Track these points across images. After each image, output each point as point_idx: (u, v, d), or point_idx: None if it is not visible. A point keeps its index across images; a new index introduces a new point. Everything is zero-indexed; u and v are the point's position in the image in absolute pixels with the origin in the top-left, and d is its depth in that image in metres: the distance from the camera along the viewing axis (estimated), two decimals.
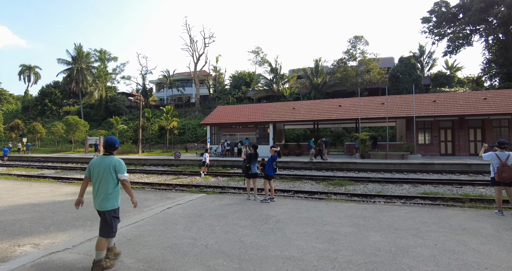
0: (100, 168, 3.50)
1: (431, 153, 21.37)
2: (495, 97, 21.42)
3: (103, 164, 3.51)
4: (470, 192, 9.66)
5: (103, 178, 3.48)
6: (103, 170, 3.49)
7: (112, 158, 3.55)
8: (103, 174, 3.48)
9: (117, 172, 3.51)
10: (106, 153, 3.63)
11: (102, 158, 3.56)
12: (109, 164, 3.49)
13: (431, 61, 45.73)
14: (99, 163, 3.53)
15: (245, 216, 5.94)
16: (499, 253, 3.89)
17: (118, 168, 3.51)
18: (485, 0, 33.06)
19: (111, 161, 3.52)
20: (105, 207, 3.47)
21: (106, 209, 3.48)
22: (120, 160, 3.62)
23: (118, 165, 3.52)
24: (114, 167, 3.50)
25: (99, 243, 3.42)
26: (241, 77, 49.80)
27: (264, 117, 24.84)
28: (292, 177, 13.32)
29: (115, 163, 3.51)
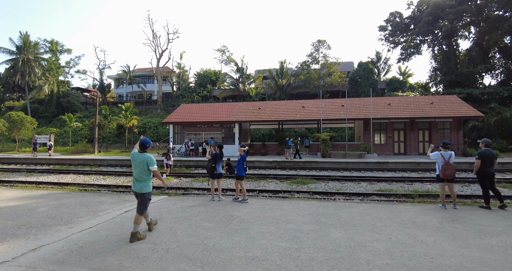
0: (138, 161, 4.59)
1: (386, 152, 22.94)
2: (440, 102, 23.67)
3: (140, 159, 4.59)
4: (419, 188, 10.53)
5: (140, 168, 4.57)
6: (139, 163, 4.57)
7: (145, 155, 4.62)
8: (139, 165, 4.57)
9: (149, 165, 4.56)
10: (141, 150, 4.69)
11: (139, 154, 4.65)
12: (143, 159, 4.57)
13: (387, 67, 49.20)
14: (137, 157, 4.62)
15: (209, 218, 5.82)
16: (442, 243, 4.27)
17: (149, 162, 4.58)
18: (432, 14, 36.35)
19: (145, 157, 4.60)
20: (142, 190, 4.56)
21: (143, 192, 4.57)
22: (151, 156, 4.68)
23: (150, 160, 4.59)
24: (147, 162, 4.57)
25: (136, 219, 4.54)
26: (207, 76, 48.98)
27: (230, 116, 24.69)
28: (257, 177, 13.41)
29: (147, 158, 4.59)
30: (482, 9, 35.45)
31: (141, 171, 4.58)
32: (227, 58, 46.81)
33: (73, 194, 8.56)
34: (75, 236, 4.70)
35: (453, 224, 5.31)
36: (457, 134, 22.19)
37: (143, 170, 4.58)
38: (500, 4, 33.97)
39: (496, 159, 6.55)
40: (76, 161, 21.83)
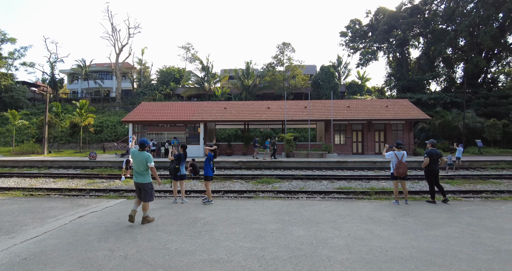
0: (138, 158, 5.43)
1: (345, 152, 24.16)
2: (394, 105, 25.56)
3: (140, 156, 5.44)
4: (375, 186, 11.23)
5: (140, 164, 5.40)
6: (139, 160, 5.42)
7: (145, 153, 5.46)
8: (140, 161, 5.41)
9: (148, 161, 5.40)
10: (140, 149, 5.51)
11: (139, 152, 5.48)
12: (143, 157, 5.43)
13: (347, 71, 51.89)
14: (138, 155, 5.45)
15: (171, 221, 5.62)
16: (395, 237, 4.60)
17: (148, 160, 5.41)
18: (387, 23, 39.14)
19: (144, 155, 5.44)
20: (144, 181, 5.42)
21: (145, 182, 5.42)
22: (150, 154, 5.52)
23: (148, 158, 5.43)
24: (146, 159, 5.41)
25: (145, 206, 5.50)
26: (170, 73, 47.43)
27: (194, 116, 24.15)
28: (223, 177, 13.28)
29: (147, 156, 5.43)
30: (429, 22, 39.04)
31: (141, 166, 5.42)
32: (191, 56, 45.85)
33: (16, 200, 7.71)
34: (17, 247, 4.23)
35: (404, 218, 5.74)
36: (408, 135, 24.13)
37: (142, 165, 5.41)
38: (444, 19, 37.72)
39: (442, 157, 7.25)
40: (21, 163, 19.72)
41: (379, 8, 42.34)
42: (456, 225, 5.27)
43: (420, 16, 39.22)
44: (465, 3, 37.19)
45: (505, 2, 32.33)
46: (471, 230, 4.95)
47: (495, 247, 4.18)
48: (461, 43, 38.10)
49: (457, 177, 13.04)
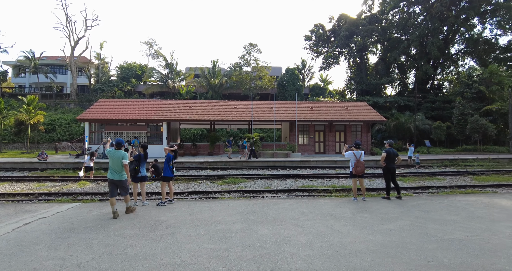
0: (115, 156, 5.85)
1: (309, 152, 24.98)
2: (353, 107, 27.02)
3: (117, 155, 5.87)
4: (336, 184, 11.76)
5: (117, 163, 5.82)
6: (116, 158, 5.84)
7: (120, 152, 5.93)
8: (116, 159, 5.83)
9: (123, 159, 5.85)
10: (117, 148, 5.99)
11: (115, 151, 5.92)
12: (119, 155, 5.87)
13: (311, 74, 53.73)
14: (114, 153, 5.88)
15: (131, 225, 5.35)
16: (354, 232, 4.85)
17: (124, 157, 5.87)
18: (348, 30, 41.23)
19: (120, 153, 5.90)
20: (121, 178, 5.86)
21: (122, 179, 5.87)
22: (126, 153, 6.03)
23: (124, 156, 5.90)
24: (122, 157, 5.86)
25: (126, 199, 6.08)
26: (131, 69, 45.14)
27: (157, 114, 23.24)
28: (187, 178, 12.95)
29: (123, 154, 5.90)
30: (385, 30, 41.88)
31: (118, 164, 5.82)
32: (155, 52, 44.01)
33: None
34: None
35: (362, 214, 6.09)
36: (366, 136, 25.65)
37: (118, 163, 5.82)
38: (398, 28, 40.75)
39: (398, 156, 7.83)
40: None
41: (341, 15, 44.45)
42: (407, 218, 5.72)
43: (378, 25, 41.92)
44: (416, 16, 40.58)
45: (449, 17, 35.89)
46: (419, 223, 5.40)
47: (439, 237, 4.61)
48: (413, 52, 41.44)
49: (409, 175, 14.14)
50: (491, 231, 4.90)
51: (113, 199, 5.81)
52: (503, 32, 37.99)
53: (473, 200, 7.42)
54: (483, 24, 38.95)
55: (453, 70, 43.23)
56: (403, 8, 40.98)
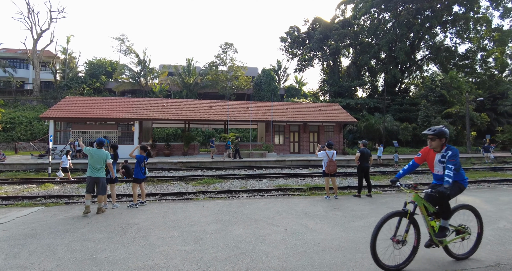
0: (97, 155, 6.09)
1: (284, 152, 25.34)
2: (327, 109, 27.82)
3: (98, 154, 6.12)
4: (309, 183, 12.03)
5: (99, 161, 6.09)
6: (98, 157, 6.09)
7: (103, 151, 6.21)
8: (98, 158, 6.09)
9: (106, 158, 6.18)
10: (99, 147, 6.22)
11: (97, 150, 6.16)
12: (102, 154, 6.14)
13: (286, 75, 54.54)
14: (97, 152, 6.12)
15: (100, 228, 5.11)
16: (327, 229, 5.00)
17: (107, 157, 6.20)
18: (322, 33, 42.34)
19: (103, 152, 6.18)
20: (101, 176, 6.13)
21: (102, 176, 6.15)
22: (108, 152, 6.29)
23: (107, 155, 6.23)
24: (106, 156, 6.19)
25: (100, 199, 6.16)
26: (101, 65, 43.06)
27: (128, 113, 22.38)
28: (160, 179, 12.61)
29: (106, 154, 6.20)
30: (357, 35, 43.55)
31: (99, 163, 6.08)
32: (126, 49, 42.39)
33: None
34: None
35: (335, 212, 6.28)
36: (338, 136, 26.51)
37: (101, 162, 6.10)
38: (369, 33, 42.55)
39: (371, 156, 8.17)
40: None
41: (316, 18, 45.54)
42: (376, 215, 5.98)
43: (350, 29, 43.48)
44: (386, 22, 42.64)
45: (414, 25, 38.10)
46: None
47: None
48: (382, 56, 43.47)
49: (378, 173, 14.81)
50: None
51: (89, 194, 6.10)
52: (461, 41, 41.05)
53: None
54: (444, 32, 41.84)
55: (419, 74, 45.96)
56: (373, 14, 42.88)
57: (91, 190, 6.17)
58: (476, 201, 7.35)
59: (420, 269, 3.50)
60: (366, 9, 41.00)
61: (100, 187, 6.14)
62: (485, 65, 40.53)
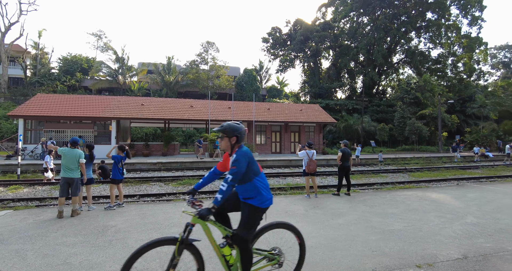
0: (70, 155, 5.93)
1: (265, 152, 25.47)
2: (307, 109, 28.27)
3: (73, 153, 5.96)
4: (290, 182, 12.17)
5: (72, 161, 5.91)
6: (71, 156, 5.92)
7: (76, 150, 6.03)
8: (72, 158, 5.92)
9: (80, 158, 6.00)
10: (72, 147, 6.04)
11: (71, 150, 5.98)
12: (75, 154, 5.98)
13: (268, 76, 54.82)
14: (70, 152, 5.95)
15: (75, 232, 4.90)
16: (307, 227, 5.08)
17: (80, 156, 6.02)
18: (303, 35, 42.97)
19: (76, 152, 6.00)
20: (75, 176, 5.94)
21: (76, 177, 5.96)
22: (82, 152, 6.12)
23: (81, 154, 6.03)
24: (79, 155, 6.00)
25: (74, 200, 5.97)
26: (76, 62, 41.27)
27: (105, 112, 21.61)
28: (138, 180, 12.28)
29: (79, 153, 6.02)
30: (337, 37, 44.59)
31: (73, 162, 5.90)
32: (104, 45, 40.82)
33: None
34: None
35: (315, 210, 6.40)
36: (318, 137, 27.02)
37: (74, 162, 5.92)
38: (349, 36, 43.71)
39: (352, 156, 8.40)
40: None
41: (297, 20, 46.15)
42: (354, 213, 6.16)
43: (330, 32, 44.44)
44: (364, 25, 43.96)
45: (391, 29, 39.58)
46: (365, 217, 5.86)
47: (381, 228, 5.05)
48: (361, 59, 44.80)
49: (356, 172, 15.24)
50: (423, 221, 5.52)
51: (62, 198, 5.89)
52: (434, 46, 43.16)
53: (410, 194, 8.29)
54: (419, 37, 43.80)
55: (395, 77, 47.81)
56: (353, 17, 44.09)
57: (65, 193, 5.95)
58: (446, 198, 7.76)
59: None
60: (345, 12, 42.08)
61: (74, 188, 5.97)
62: (455, 69, 42.85)
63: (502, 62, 65.77)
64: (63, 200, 5.91)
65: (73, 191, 5.98)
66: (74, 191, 5.98)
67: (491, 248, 4.18)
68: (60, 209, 5.80)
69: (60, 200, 5.89)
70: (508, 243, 4.37)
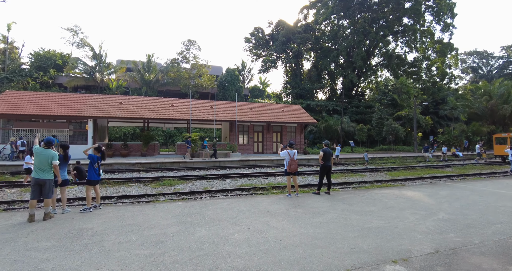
0: (43, 155, 5.60)
1: (248, 151, 25.48)
2: (289, 110, 28.58)
3: (46, 153, 5.62)
4: (272, 182, 12.25)
5: (44, 162, 5.58)
6: (44, 157, 5.59)
7: (50, 151, 5.67)
8: (44, 158, 5.58)
9: (53, 159, 5.64)
10: (46, 147, 5.69)
11: (44, 150, 5.64)
12: (48, 154, 5.63)
13: (250, 76, 54.86)
14: (43, 152, 5.62)
15: (48, 236, 4.68)
16: (288, 226, 5.14)
17: (54, 158, 5.66)
18: (286, 36, 43.38)
19: (50, 153, 5.65)
20: (47, 177, 5.61)
21: (49, 178, 5.64)
22: (56, 153, 5.77)
23: (54, 156, 5.68)
24: (52, 157, 5.64)
25: (47, 202, 5.66)
26: (50, 58, 39.33)
27: (81, 110, 20.76)
28: (116, 181, 11.89)
29: (53, 154, 5.67)
30: (318, 39, 45.36)
31: (45, 163, 5.58)
32: (80, 41, 39.24)
33: None
34: None
35: (296, 209, 6.48)
36: (300, 137, 27.37)
37: (47, 163, 5.59)
38: (330, 38, 44.59)
39: (333, 156, 8.57)
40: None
41: (280, 21, 46.52)
42: (334, 211, 6.30)
43: (312, 33, 45.16)
44: (345, 28, 45.05)
45: (370, 33, 40.81)
46: (344, 215, 6.01)
47: (360, 226, 5.20)
48: (341, 61, 45.86)
49: (336, 171, 15.59)
50: (399, 218, 5.74)
51: (34, 201, 5.60)
52: (410, 50, 44.98)
53: (387, 193, 8.59)
54: (396, 41, 45.48)
55: (373, 79, 49.34)
56: (333, 20, 45.04)
57: (36, 195, 5.59)
58: (421, 196, 8.11)
59: None
60: (327, 15, 42.92)
61: (47, 190, 5.64)
62: (429, 73, 44.92)
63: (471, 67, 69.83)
64: (34, 202, 5.59)
65: (45, 193, 5.66)
66: (47, 193, 5.66)
67: (460, 242, 4.42)
68: (31, 212, 5.50)
69: (31, 203, 5.56)
70: (475, 237, 4.64)
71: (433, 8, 42.04)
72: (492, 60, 68.76)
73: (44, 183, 5.62)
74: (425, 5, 41.83)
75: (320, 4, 45.06)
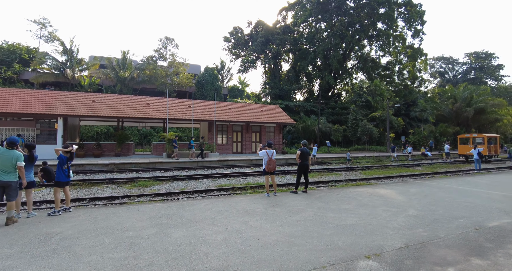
0: (5, 156, 5.29)
1: (227, 151, 25.34)
2: (268, 110, 28.77)
3: (9, 154, 5.33)
4: (251, 181, 12.27)
5: (7, 163, 5.29)
6: (7, 158, 5.29)
7: (14, 152, 5.38)
8: (7, 159, 5.28)
9: (17, 160, 5.33)
10: (9, 147, 5.42)
11: (7, 150, 5.36)
12: (13, 155, 5.33)
13: (229, 75, 54.60)
14: (5, 152, 5.33)
15: (10, 241, 4.38)
16: (266, 226, 5.17)
17: (18, 159, 5.35)
18: (265, 36, 43.63)
19: (13, 153, 5.35)
20: (10, 179, 5.31)
21: (12, 180, 5.34)
22: (21, 153, 5.45)
23: (19, 157, 5.38)
24: (17, 158, 5.34)
25: (10, 206, 5.36)
26: (14, 52, 36.86)
27: (50, 108, 19.63)
28: (88, 182, 11.38)
29: (18, 155, 5.37)
30: (297, 41, 46.05)
31: (9, 164, 5.28)
32: (49, 35, 37.10)
33: None
34: None
35: (274, 208, 6.54)
36: (278, 137, 27.65)
37: (10, 164, 5.29)
38: (307, 40, 45.41)
39: (310, 155, 8.72)
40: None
41: (259, 21, 46.71)
42: (311, 210, 6.43)
43: (290, 35, 45.75)
44: (322, 31, 46.08)
45: (346, 36, 42.05)
46: (321, 213, 6.15)
47: (335, 223, 5.35)
48: (318, 63, 46.86)
49: (313, 171, 15.91)
50: (372, 215, 5.97)
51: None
52: (383, 54, 46.87)
53: (361, 191, 8.89)
54: (370, 45, 47.21)
55: (349, 81, 50.88)
56: (311, 23, 45.93)
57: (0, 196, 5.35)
58: (392, 193, 8.47)
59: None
60: (305, 17, 43.69)
61: (10, 192, 5.34)
62: (401, 76, 47.07)
63: (438, 71, 74.11)
64: (13, 204, 5.38)
65: (8, 196, 5.37)
66: (9, 196, 5.37)
67: (428, 236, 4.67)
68: (10, 214, 5.28)
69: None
70: (441, 231, 4.93)
71: (405, 15, 44.11)
72: (457, 66, 73.45)
73: (8, 186, 5.32)
74: (397, 11, 43.78)
75: (299, 6, 45.79)
